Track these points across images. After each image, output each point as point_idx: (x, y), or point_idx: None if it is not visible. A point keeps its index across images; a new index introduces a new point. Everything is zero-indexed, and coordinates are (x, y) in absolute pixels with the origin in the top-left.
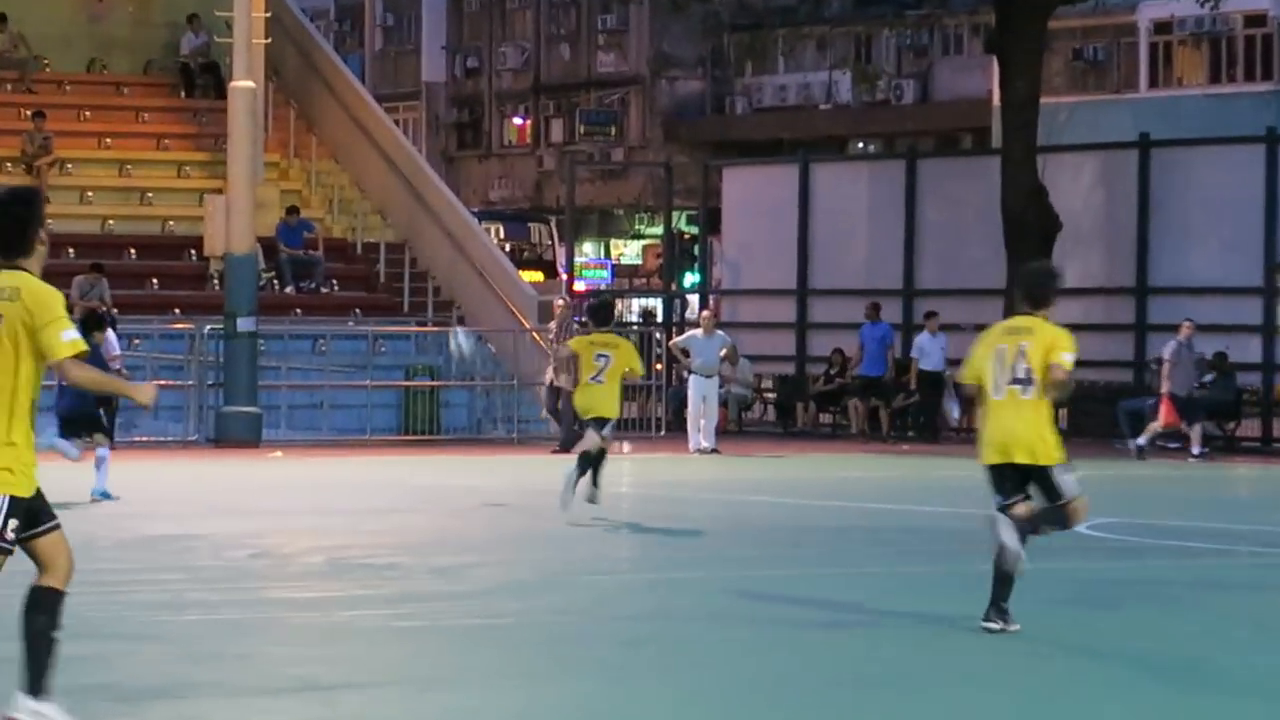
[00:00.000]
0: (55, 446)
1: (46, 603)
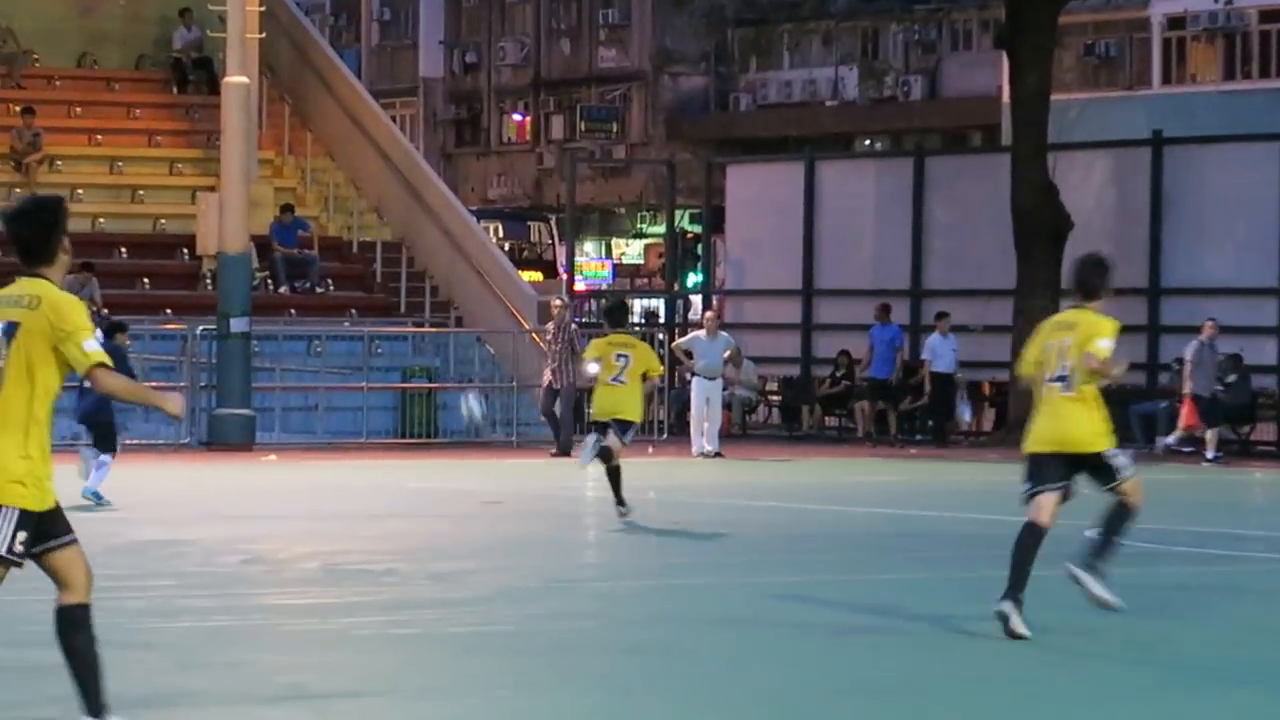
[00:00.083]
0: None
1: (77, 620)
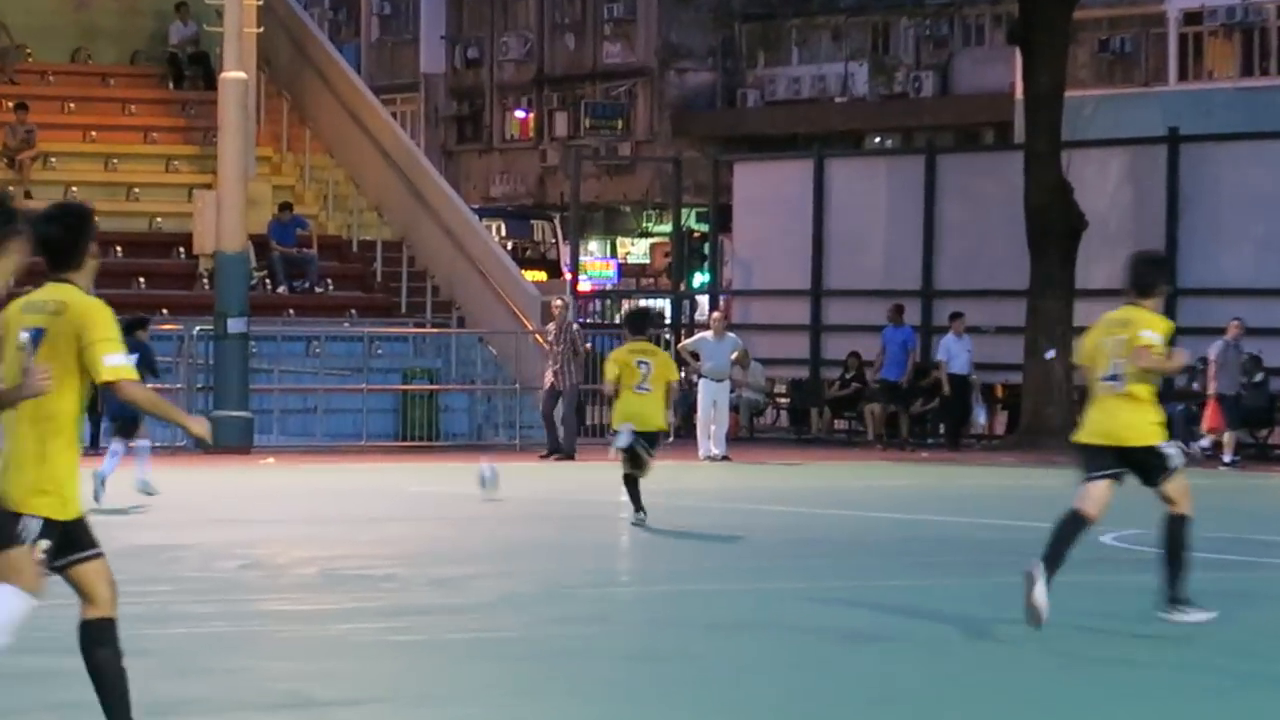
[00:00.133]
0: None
1: (102, 635)
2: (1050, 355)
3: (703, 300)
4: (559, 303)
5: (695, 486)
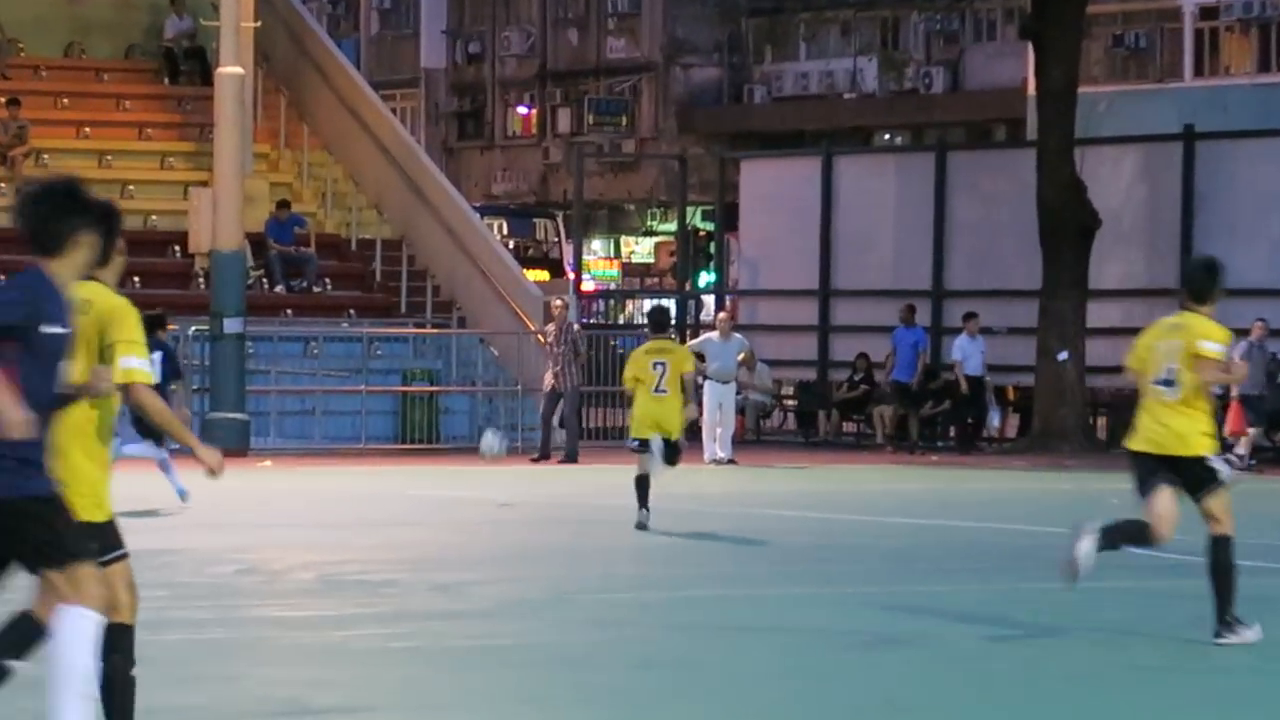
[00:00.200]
0: (129, 454)
1: (119, 641)
2: (1063, 357)
3: (708, 300)
4: (558, 303)
5: (701, 490)
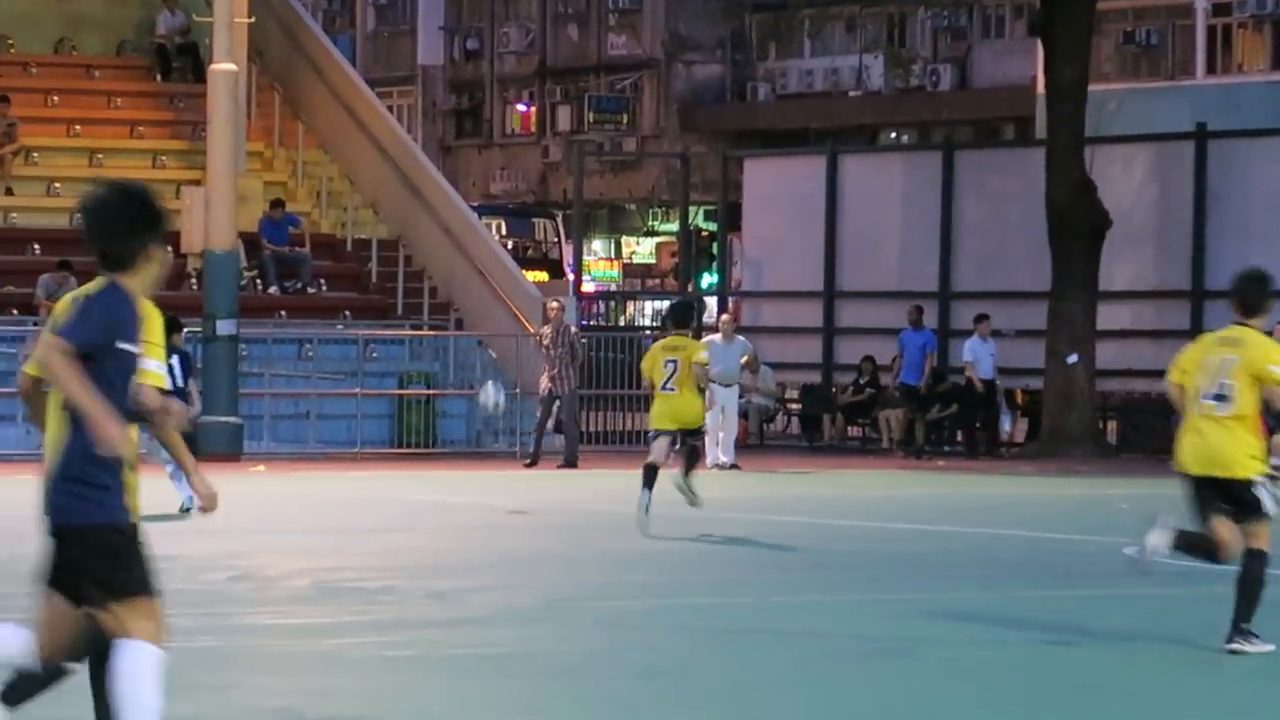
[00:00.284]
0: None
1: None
2: (1072, 360)
3: (711, 302)
4: (554, 304)
5: (702, 495)
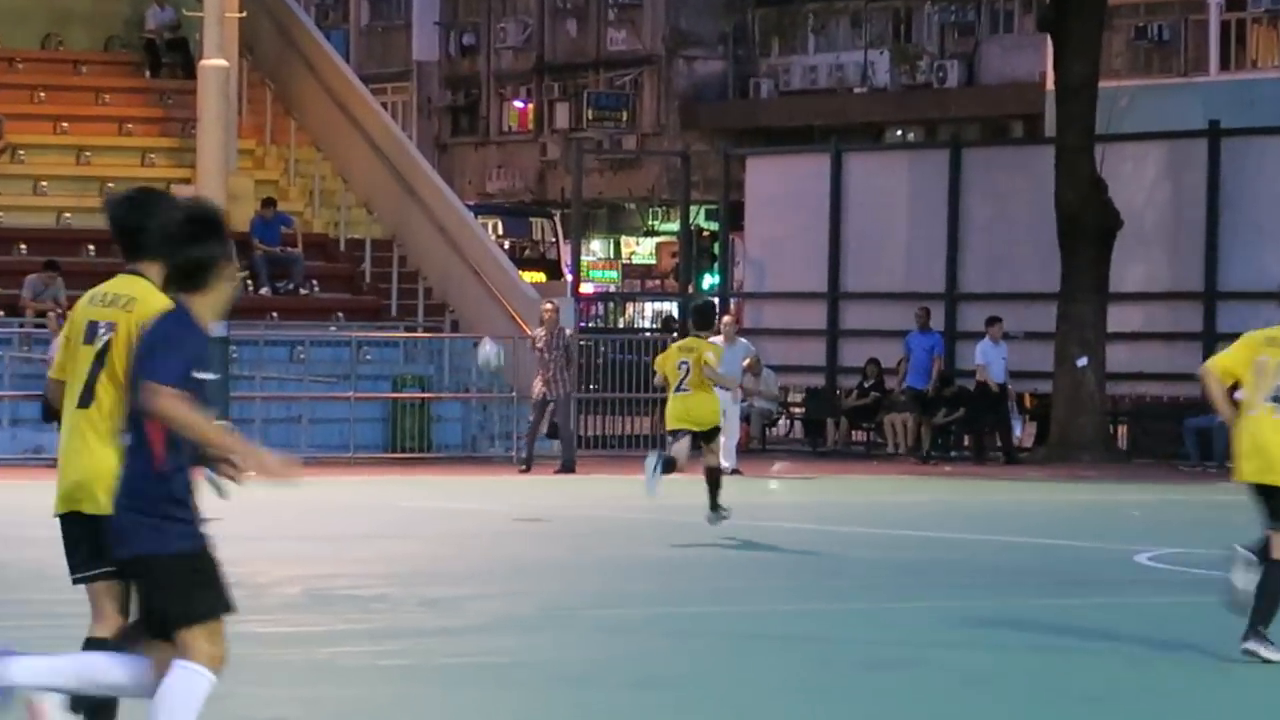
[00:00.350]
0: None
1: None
2: (1082, 363)
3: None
4: (549, 306)
5: (703, 502)
